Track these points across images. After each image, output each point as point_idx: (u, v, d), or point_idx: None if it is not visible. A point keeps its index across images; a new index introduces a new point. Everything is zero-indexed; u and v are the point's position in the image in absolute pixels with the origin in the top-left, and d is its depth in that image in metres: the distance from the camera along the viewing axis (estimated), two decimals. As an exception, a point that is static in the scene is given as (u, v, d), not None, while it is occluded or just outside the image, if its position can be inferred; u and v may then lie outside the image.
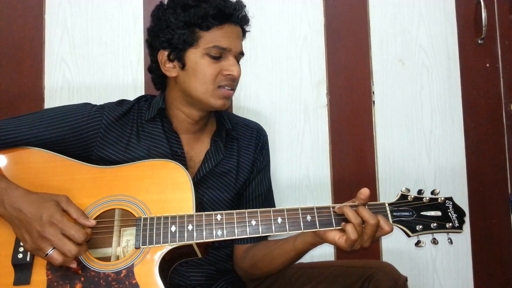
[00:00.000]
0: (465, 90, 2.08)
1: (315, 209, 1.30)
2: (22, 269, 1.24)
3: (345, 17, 2.06)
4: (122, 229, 1.33)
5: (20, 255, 1.25)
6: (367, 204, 1.30)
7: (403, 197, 1.34)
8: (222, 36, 1.41)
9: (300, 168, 2.01)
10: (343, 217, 1.27)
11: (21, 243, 1.25)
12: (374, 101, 2.05)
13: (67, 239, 1.19)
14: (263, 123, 1.75)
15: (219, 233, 1.27)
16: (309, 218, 1.29)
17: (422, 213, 1.32)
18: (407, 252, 2.01)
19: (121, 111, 1.49)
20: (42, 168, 1.35)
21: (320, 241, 1.33)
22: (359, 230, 1.24)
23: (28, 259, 1.25)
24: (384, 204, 1.33)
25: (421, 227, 1.30)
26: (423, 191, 1.35)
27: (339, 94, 2.04)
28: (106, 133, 1.45)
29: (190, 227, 1.27)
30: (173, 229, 1.27)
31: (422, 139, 2.06)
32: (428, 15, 2.09)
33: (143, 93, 1.93)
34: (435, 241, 1.32)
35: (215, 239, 1.27)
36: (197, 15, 1.39)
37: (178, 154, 1.49)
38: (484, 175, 2.07)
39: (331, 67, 2.04)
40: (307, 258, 1.62)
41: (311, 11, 2.05)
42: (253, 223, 1.29)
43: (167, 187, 1.33)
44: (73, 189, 1.33)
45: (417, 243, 1.30)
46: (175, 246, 1.27)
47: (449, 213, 1.33)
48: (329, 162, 2.02)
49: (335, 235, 1.28)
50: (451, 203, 1.34)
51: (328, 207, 1.30)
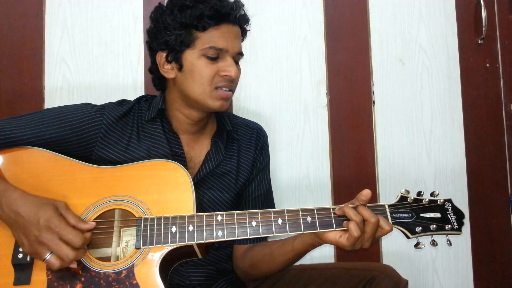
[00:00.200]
0: (465, 90, 2.08)
1: (315, 211, 1.30)
2: (22, 269, 1.24)
3: (345, 17, 2.06)
4: (122, 229, 1.33)
5: (20, 255, 1.25)
6: (367, 206, 1.30)
7: (403, 198, 1.35)
8: (219, 36, 1.40)
9: (300, 168, 2.01)
10: (343, 218, 1.28)
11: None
12: (374, 101, 2.05)
13: (65, 243, 1.18)
14: (263, 123, 1.75)
15: (220, 234, 1.27)
16: (309, 219, 1.29)
17: (422, 214, 1.33)
18: (407, 253, 2.01)
19: (121, 111, 1.49)
20: (43, 168, 1.35)
21: (319, 242, 1.33)
22: (361, 227, 1.24)
23: (28, 259, 1.25)
24: (384, 206, 1.33)
25: (420, 228, 1.30)
26: (422, 193, 1.35)
27: (339, 94, 2.04)
28: (106, 133, 1.45)
29: (191, 228, 1.27)
30: (173, 229, 1.27)
31: (422, 139, 2.06)
32: (428, 15, 2.08)
33: (143, 93, 1.93)
34: (434, 243, 1.32)
35: (215, 240, 1.27)
36: (193, 16, 1.38)
37: (178, 155, 1.49)
38: (484, 175, 2.07)
39: (331, 67, 2.04)
40: (307, 259, 1.63)
41: (311, 11, 2.05)
42: (254, 224, 1.29)
43: (167, 187, 1.33)
44: (73, 189, 1.33)
45: (417, 245, 1.31)
46: (175, 247, 1.27)
47: (448, 215, 1.33)
48: (329, 162, 2.02)
49: (336, 234, 1.28)
50: (450, 205, 1.35)
51: (328, 208, 1.30)
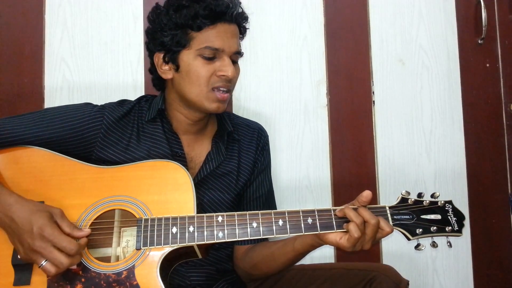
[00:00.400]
0: (465, 90, 2.08)
1: (316, 212, 1.30)
2: (22, 269, 1.24)
3: (345, 17, 2.06)
4: (122, 229, 1.33)
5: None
6: (367, 207, 1.30)
7: (403, 200, 1.35)
8: (215, 36, 1.39)
9: (300, 168, 2.00)
10: (343, 219, 1.28)
11: None
12: (374, 101, 2.05)
13: (58, 251, 1.18)
14: (263, 123, 1.75)
15: (220, 234, 1.27)
16: (310, 220, 1.29)
17: (422, 216, 1.33)
18: (407, 253, 2.01)
19: (122, 111, 1.49)
20: (43, 168, 1.35)
21: (320, 243, 1.33)
22: (361, 229, 1.24)
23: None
24: (384, 208, 1.33)
25: (421, 230, 1.30)
26: (423, 194, 1.35)
27: (339, 94, 2.04)
28: (106, 133, 1.44)
29: (191, 229, 1.27)
30: (174, 230, 1.27)
31: (422, 139, 2.06)
32: (428, 15, 2.08)
33: (143, 93, 1.92)
34: (434, 244, 1.32)
35: (216, 241, 1.27)
36: (188, 16, 1.38)
37: (178, 155, 1.48)
38: (484, 175, 2.07)
39: (331, 67, 2.04)
40: (307, 260, 1.62)
41: (311, 11, 2.05)
42: (254, 225, 1.29)
43: (167, 187, 1.33)
44: (73, 189, 1.32)
45: (417, 246, 1.31)
46: (176, 248, 1.26)
47: (449, 217, 1.33)
48: (329, 162, 2.02)
49: (337, 236, 1.28)
50: (451, 207, 1.35)
51: (329, 210, 1.30)
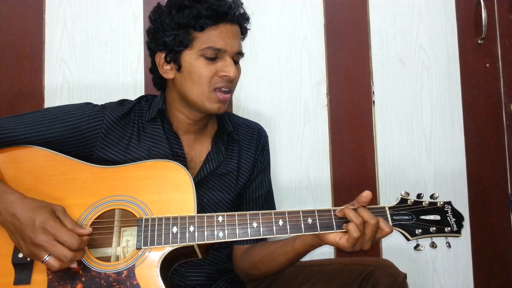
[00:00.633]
0: (465, 90, 2.09)
1: (316, 212, 1.30)
2: (23, 268, 1.24)
3: (345, 17, 2.06)
4: (122, 229, 1.33)
5: (21, 255, 1.24)
6: (367, 208, 1.30)
7: (403, 201, 1.35)
8: (217, 36, 1.39)
9: (300, 168, 2.00)
10: (343, 220, 1.28)
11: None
12: (374, 101, 2.05)
13: (61, 245, 1.18)
14: (263, 123, 1.75)
15: (221, 234, 1.27)
16: (310, 221, 1.29)
17: (422, 217, 1.33)
18: (407, 252, 2.01)
19: (122, 111, 1.49)
20: (43, 167, 1.35)
21: (319, 243, 1.33)
22: (361, 229, 1.24)
23: (28, 259, 1.24)
24: (384, 208, 1.33)
25: (420, 231, 1.31)
26: (422, 195, 1.36)
27: (339, 94, 2.04)
28: (107, 133, 1.44)
29: (192, 228, 1.27)
30: (174, 230, 1.27)
31: (422, 139, 2.06)
32: (428, 15, 2.09)
33: (143, 93, 1.92)
34: (433, 245, 1.32)
35: (216, 241, 1.27)
36: (190, 16, 1.38)
37: (178, 155, 1.48)
38: (484, 175, 2.07)
39: (331, 67, 2.04)
40: (306, 256, 1.62)
41: (311, 11, 2.05)
42: (255, 225, 1.29)
43: (168, 187, 1.33)
44: (73, 188, 1.32)
45: (416, 247, 1.31)
46: (176, 247, 1.27)
47: (448, 218, 1.34)
48: (329, 162, 2.01)
49: (336, 236, 1.28)
50: (450, 208, 1.35)
51: (329, 210, 1.31)
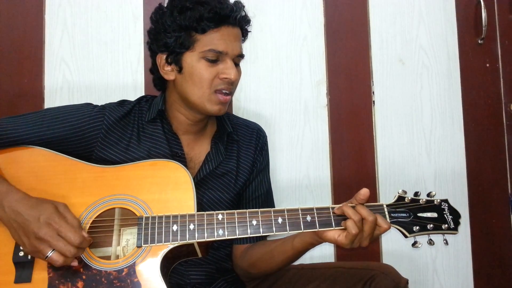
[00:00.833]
0: (465, 90, 2.09)
1: (314, 210, 1.31)
2: (23, 267, 1.24)
3: (345, 17, 2.06)
4: (122, 228, 1.33)
5: (21, 253, 1.25)
6: (365, 205, 1.30)
7: (400, 198, 1.36)
8: (218, 39, 1.40)
9: (300, 168, 2.00)
10: (342, 217, 1.29)
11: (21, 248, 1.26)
12: (374, 101, 2.05)
13: (64, 240, 1.19)
14: (263, 123, 1.75)
15: (220, 232, 1.28)
16: (309, 218, 1.30)
17: (419, 214, 1.34)
18: (407, 253, 2.01)
19: (122, 112, 1.49)
20: (44, 167, 1.35)
21: (319, 240, 1.34)
22: (359, 226, 1.25)
23: (29, 257, 1.25)
24: (382, 205, 1.34)
25: (418, 228, 1.32)
26: (419, 193, 1.37)
27: (339, 94, 2.04)
28: (107, 133, 1.45)
29: (192, 227, 1.28)
30: (174, 228, 1.27)
31: (422, 139, 2.06)
32: (428, 15, 2.09)
33: (143, 93, 1.93)
34: (431, 242, 1.33)
35: (216, 239, 1.28)
36: (192, 18, 1.38)
37: (178, 155, 1.49)
38: (484, 175, 2.07)
39: (331, 67, 2.04)
40: (307, 259, 1.62)
41: (311, 11, 2.05)
42: (254, 223, 1.29)
43: (168, 186, 1.33)
44: (74, 188, 1.33)
45: (414, 244, 1.32)
46: (176, 245, 1.27)
47: (445, 215, 1.34)
48: (329, 162, 2.02)
49: (335, 233, 1.28)
50: (446, 205, 1.36)
51: (327, 208, 1.31)
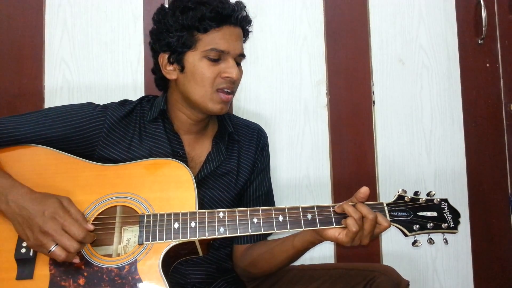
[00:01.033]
0: (465, 90, 2.09)
1: (315, 208, 1.31)
2: (25, 263, 1.25)
3: (345, 17, 2.06)
4: (123, 227, 1.34)
5: (23, 250, 1.25)
6: (365, 204, 1.31)
7: (400, 198, 1.37)
8: (220, 38, 1.41)
9: (300, 168, 2.01)
10: (342, 215, 1.29)
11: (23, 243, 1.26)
12: (374, 101, 2.05)
13: (68, 235, 1.19)
14: (263, 123, 1.75)
15: (222, 230, 1.28)
16: (309, 216, 1.30)
17: (419, 213, 1.34)
18: (407, 253, 2.01)
19: (124, 111, 1.50)
20: (46, 166, 1.36)
21: (319, 239, 1.34)
22: (359, 224, 1.25)
23: (31, 254, 1.25)
24: (382, 204, 1.35)
25: (417, 226, 1.32)
26: (419, 193, 1.37)
27: (339, 94, 2.04)
28: (109, 133, 1.45)
29: (193, 224, 1.28)
30: (176, 225, 1.28)
31: (422, 139, 2.06)
32: (428, 15, 2.09)
33: (143, 93, 1.92)
34: (431, 241, 1.34)
35: (217, 236, 1.28)
36: (194, 18, 1.39)
37: (179, 155, 1.49)
38: (484, 175, 2.07)
39: (331, 67, 2.04)
40: (307, 260, 1.62)
41: (311, 11, 2.05)
42: (255, 221, 1.30)
43: (170, 185, 1.34)
44: (76, 186, 1.34)
45: (414, 243, 1.33)
46: (177, 243, 1.27)
47: (445, 214, 1.35)
48: (329, 162, 2.02)
49: (335, 231, 1.29)
50: (446, 205, 1.37)
51: (328, 206, 1.32)
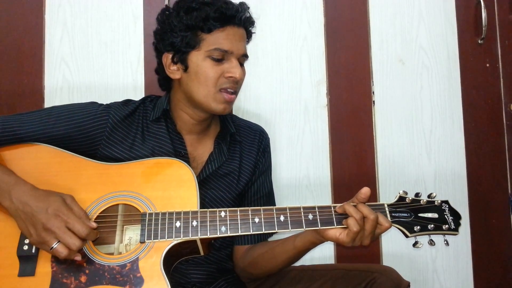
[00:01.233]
0: (465, 90, 2.09)
1: (316, 208, 1.32)
2: (27, 260, 1.25)
3: (345, 17, 2.07)
4: (125, 226, 1.34)
5: (26, 247, 1.26)
6: (366, 204, 1.31)
7: (401, 199, 1.37)
8: (224, 38, 1.42)
9: (300, 168, 2.01)
10: (343, 216, 1.30)
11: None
12: (374, 101, 2.05)
13: (71, 232, 1.20)
14: (263, 123, 1.75)
15: (223, 229, 1.29)
16: (310, 216, 1.30)
17: (420, 214, 1.35)
18: (407, 254, 2.01)
19: (127, 111, 1.50)
20: (49, 164, 1.37)
21: (320, 239, 1.34)
22: (360, 224, 1.26)
23: (33, 251, 1.26)
24: (383, 205, 1.35)
25: (418, 228, 1.32)
26: (420, 194, 1.38)
27: (339, 94, 2.04)
28: (112, 132, 1.46)
29: (195, 223, 1.29)
30: (178, 224, 1.28)
31: (422, 139, 2.06)
32: (428, 15, 2.09)
33: (143, 93, 1.93)
34: (431, 243, 1.34)
35: (219, 235, 1.28)
36: (198, 18, 1.40)
37: (181, 155, 1.50)
38: (484, 175, 2.08)
39: (331, 67, 2.04)
40: (307, 260, 1.62)
41: (311, 11, 2.05)
42: (256, 220, 1.30)
43: (172, 184, 1.35)
44: (78, 184, 1.34)
45: (415, 244, 1.33)
46: (179, 242, 1.28)
47: (446, 216, 1.35)
48: (329, 162, 2.02)
49: (336, 231, 1.29)
50: (447, 206, 1.37)
51: (329, 206, 1.32)
